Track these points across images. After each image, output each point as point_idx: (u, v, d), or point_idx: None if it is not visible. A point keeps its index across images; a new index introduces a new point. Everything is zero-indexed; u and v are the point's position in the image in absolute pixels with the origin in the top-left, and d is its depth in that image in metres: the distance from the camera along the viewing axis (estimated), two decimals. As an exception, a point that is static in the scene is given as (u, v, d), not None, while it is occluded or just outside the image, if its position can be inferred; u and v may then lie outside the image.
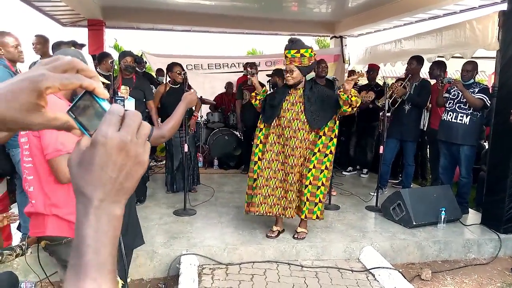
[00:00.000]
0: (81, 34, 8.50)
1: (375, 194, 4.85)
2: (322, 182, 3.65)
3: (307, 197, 3.63)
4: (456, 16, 6.76)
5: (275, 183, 3.72)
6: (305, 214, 3.67)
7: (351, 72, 7.42)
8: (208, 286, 3.15)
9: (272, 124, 3.70)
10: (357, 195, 5.32)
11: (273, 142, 3.72)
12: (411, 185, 5.57)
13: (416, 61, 5.25)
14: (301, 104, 3.63)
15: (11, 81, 0.53)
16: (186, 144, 4.50)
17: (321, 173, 3.63)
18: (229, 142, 6.86)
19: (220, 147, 6.81)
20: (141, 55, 8.66)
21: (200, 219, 4.24)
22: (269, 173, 3.70)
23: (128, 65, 4.49)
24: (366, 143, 6.60)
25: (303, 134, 3.63)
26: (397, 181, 6.07)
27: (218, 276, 3.30)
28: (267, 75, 6.25)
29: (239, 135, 7.07)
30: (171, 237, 3.73)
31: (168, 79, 4.98)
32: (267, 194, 3.71)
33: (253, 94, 3.93)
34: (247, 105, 6.33)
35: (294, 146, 3.64)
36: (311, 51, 3.54)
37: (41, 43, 4.46)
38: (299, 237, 3.79)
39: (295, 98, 3.67)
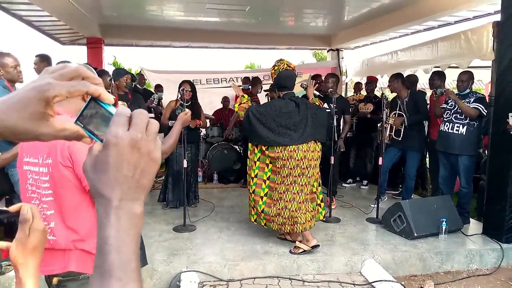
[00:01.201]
0: (80, 52, 8.61)
1: (375, 205, 4.83)
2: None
3: None
4: (451, 27, 6.84)
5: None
6: None
7: (357, 84, 7.48)
8: (208, 303, 3.12)
9: None
10: (358, 207, 5.30)
11: None
12: (412, 197, 5.55)
13: (395, 78, 5.29)
14: None
15: (19, 91, 0.54)
16: (185, 160, 4.51)
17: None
18: (229, 156, 6.85)
19: (219, 161, 6.81)
20: (140, 71, 8.74)
21: (200, 235, 4.22)
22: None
23: (128, 83, 4.75)
24: (366, 154, 6.61)
25: None
26: (398, 192, 6.05)
27: (218, 293, 3.27)
28: (265, 90, 6.30)
29: (238, 149, 7.08)
30: (171, 254, 3.70)
31: (179, 96, 5.06)
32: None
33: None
34: None
35: None
36: (272, 68, 3.85)
37: (37, 63, 4.53)
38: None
39: None
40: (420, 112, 5.15)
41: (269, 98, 6.00)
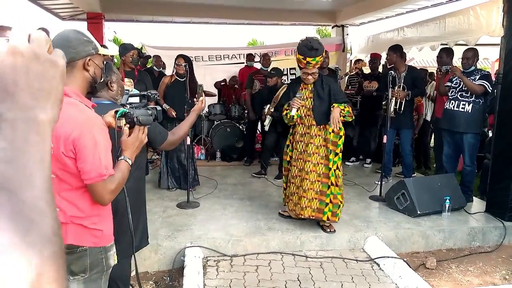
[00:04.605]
0: (80, 28, 8.46)
1: (379, 183, 4.83)
2: (331, 181, 3.58)
3: (316, 195, 3.61)
4: (459, 3, 6.67)
5: (297, 181, 3.75)
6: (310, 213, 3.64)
7: (357, 61, 7.36)
8: (213, 278, 3.15)
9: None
10: (361, 185, 5.31)
11: (297, 140, 3.74)
12: (415, 174, 5.55)
13: (392, 50, 5.22)
14: (311, 99, 3.64)
15: None
16: (188, 137, 4.48)
17: (329, 170, 3.59)
18: (231, 134, 6.83)
19: (222, 139, 6.79)
20: (141, 47, 8.62)
21: (203, 212, 4.24)
22: (294, 171, 3.76)
23: (134, 59, 4.74)
24: (370, 132, 6.57)
25: (315, 130, 3.63)
26: (401, 170, 6.04)
27: (223, 268, 3.30)
28: (265, 75, 6.12)
29: (241, 127, 7.04)
30: (175, 229, 3.73)
31: (175, 71, 4.99)
32: (291, 192, 3.79)
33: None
34: (255, 95, 6.27)
35: (308, 143, 3.64)
36: (320, 56, 3.62)
37: None
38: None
39: (306, 93, 3.67)
40: (417, 88, 5.14)
41: (268, 81, 5.82)
